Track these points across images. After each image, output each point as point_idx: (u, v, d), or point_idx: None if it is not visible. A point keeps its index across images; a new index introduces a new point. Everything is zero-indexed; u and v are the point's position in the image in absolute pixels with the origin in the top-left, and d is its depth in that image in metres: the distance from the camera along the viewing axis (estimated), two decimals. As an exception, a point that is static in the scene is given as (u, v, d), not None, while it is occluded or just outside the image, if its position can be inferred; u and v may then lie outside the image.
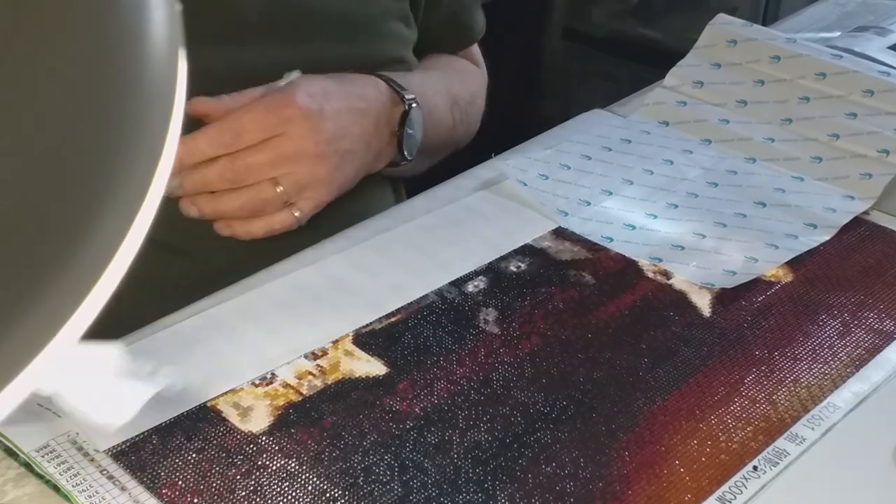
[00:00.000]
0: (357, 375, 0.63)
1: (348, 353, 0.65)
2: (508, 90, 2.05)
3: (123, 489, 0.55)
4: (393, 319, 0.68)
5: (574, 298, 0.70)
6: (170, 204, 0.75)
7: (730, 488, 0.56)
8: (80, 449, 0.57)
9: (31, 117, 0.21)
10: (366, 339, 0.66)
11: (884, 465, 0.58)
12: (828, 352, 0.66)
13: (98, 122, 0.22)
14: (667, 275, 0.73)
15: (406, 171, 0.86)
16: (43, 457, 0.56)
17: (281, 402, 0.61)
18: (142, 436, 0.58)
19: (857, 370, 0.64)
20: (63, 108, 0.22)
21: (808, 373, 0.64)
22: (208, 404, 0.60)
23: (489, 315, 0.68)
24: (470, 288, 0.71)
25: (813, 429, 0.60)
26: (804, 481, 0.57)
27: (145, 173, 0.23)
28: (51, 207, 0.21)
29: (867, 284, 0.72)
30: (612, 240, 0.76)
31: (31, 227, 0.21)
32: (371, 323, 0.67)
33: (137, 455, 0.57)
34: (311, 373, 0.63)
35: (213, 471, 0.56)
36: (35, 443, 0.57)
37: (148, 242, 0.24)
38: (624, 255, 0.75)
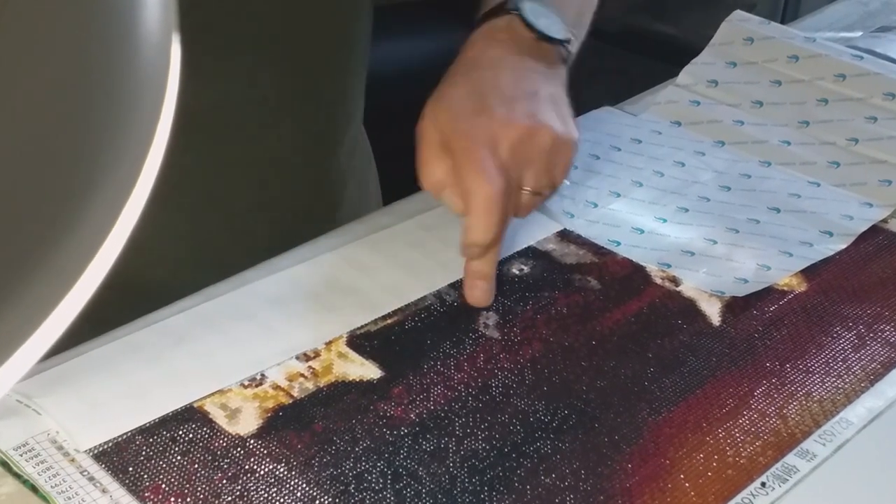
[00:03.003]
0: (350, 379, 0.63)
1: (342, 356, 0.65)
2: (515, 85, 2.04)
3: (104, 491, 0.55)
4: (389, 321, 0.68)
5: (578, 304, 0.70)
6: None
7: (736, 505, 0.56)
8: (59, 448, 0.57)
9: (13, 102, 0.21)
10: (360, 341, 0.66)
11: (897, 484, 0.58)
12: (841, 365, 0.66)
13: (85, 108, 0.22)
14: (675, 281, 0.73)
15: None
16: (21, 455, 0.56)
17: (270, 404, 0.61)
18: (125, 436, 0.58)
19: (872, 385, 0.64)
20: (48, 93, 0.22)
21: (821, 386, 0.64)
22: (195, 405, 0.60)
23: (489, 319, 0.68)
24: (470, 290, 0.71)
25: (824, 445, 0.60)
26: (814, 499, 0.57)
27: (134, 163, 0.23)
28: (33, 197, 0.21)
29: (884, 296, 0.72)
30: (619, 244, 0.76)
31: (13, 217, 0.21)
32: (366, 324, 0.67)
33: (120, 456, 0.57)
34: (302, 375, 0.63)
35: (199, 474, 0.56)
36: (13, 441, 0.57)
37: None
38: (631, 260, 0.75)
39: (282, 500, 0.55)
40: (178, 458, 0.57)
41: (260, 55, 0.77)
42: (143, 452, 0.57)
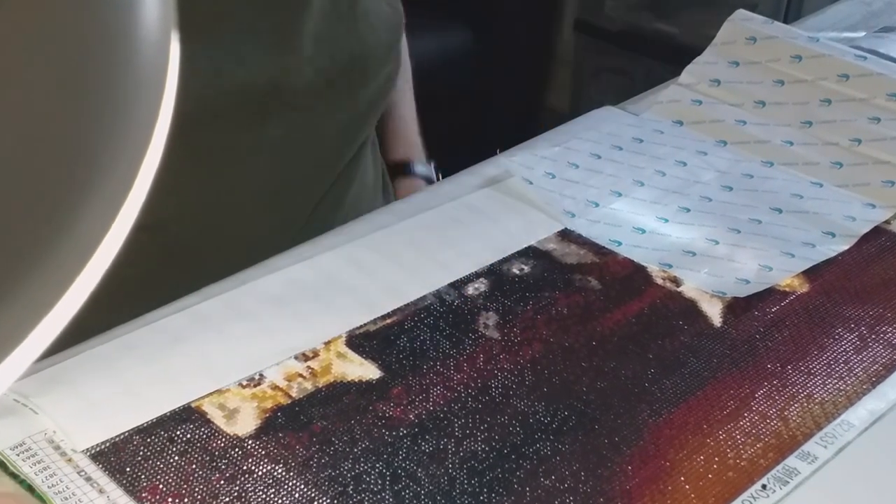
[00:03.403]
0: (349, 379, 0.63)
1: (341, 356, 0.65)
2: (516, 84, 2.05)
3: (101, 491, 0.55)
4: (388, 321, 0.68)
5: (579, 304, 0.70)
6: None
7: (737, 507, 0.56)
8: (57, 448, 0.57)
9: (10, 100, 0.21)
10: (359, 341, 0.66)
11: (899, 487, 0.58)
12: (843, 367, 0.66)
13: (83, 106, 0.22)
14: (676, 282, 0.73)
15: None
16: (18, 455, 0.56)
17: (269, 404, 0.61)
18: (122, 436, 0.58)
19: (874, 387, 0.64)
20: (46, 91, 0.22)
21: (822, 388, 0.64)
22: (193, 405, 0.60)
23: (489, 319, 0.68)
24: (470, 290, 0.71)
25: (826, 447, 0.60)
26: (815, 502, 0.57)
27: (133, 161, 0.23)
28: (32, 195, 0.22)
29: (886, 297, 0.72)
30: (620, 244, 0.76)
31: (10, 216, 0.21)
32: (365, 324, 0.67)
33: (117, 456, 0.57)
34: (301, 375, 0.63)
35: (196, 475, 0.56)
36: (10, 440, 0.57)
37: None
38: (632, 260, 0.75)
39: (280, 501, 0.55)
40: (176, 458, 0.57)
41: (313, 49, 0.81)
42: (141, 452, 0.57)
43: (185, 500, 0.54)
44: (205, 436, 0.58)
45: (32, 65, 0.22)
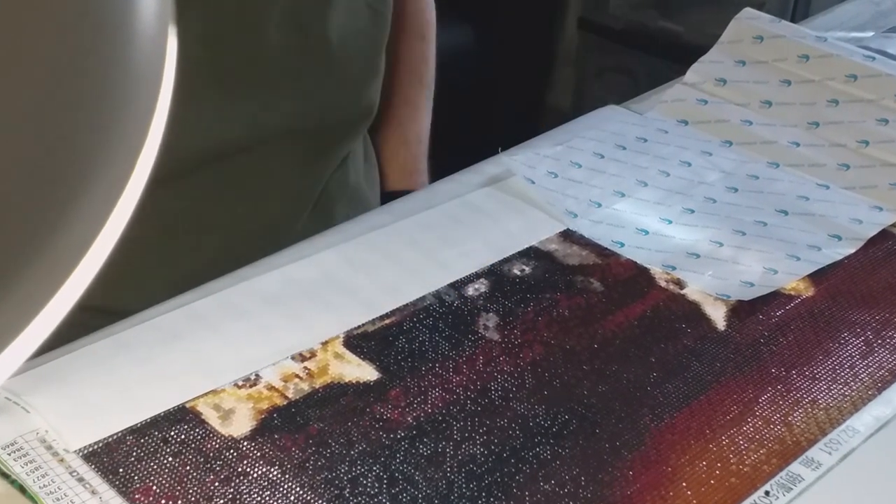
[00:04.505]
0: (347, 380, 0.63)
1: (338, 356, 0.65)
2: (519, 83, 2.05)
3: (94, 493, 0.55)
4: (387, 322, 0.68)
5: (580, 306, 0.70)
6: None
7: (739, 514, 0.56)
8: (49, 448, 0.57)
9: (5, 95, 0.21)
10: (357, 342, 0.66)
11: (904, 494, 0.58)
12: (848, 372, 0.66)
13: (80, 101, 0.22)
14: (680, 284, 0.73)
15: None
16: (9, 455, 0.56)
17: (265, 405, 0.61)
18: (115, 436, 0.58)
19: (880, 392, 0.64)
20: (42, 86, 0.22)
21: (827, 394, 0.64)
22: (187, 405, 0.60)
23: (489, 321, 0.68)
24: (470, 291, 0.71)
25: (830, 453, 0.60)
26: (819, 509, 0.57)
27: (129, 157, 0.23)
28: (26, 191, 0.21)
29: (893, 302, 0.72)
30: (623, 245, 0.76)
31: (4, 212, 0.21)
32: (363, 324, 0.67)
33: (110, 456, 0.57)
34: (297, 375, 0.63)
35: (191, 476, 0.56)
36: (1, 439, 0.57)
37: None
38: (635, 262, 0.75)
39: (275, 503, 0.55)
40: (170, 459, 0.57)
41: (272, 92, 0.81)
42: (134, 453, 0.57)
43: (179, 501, 0.54)
44: (199, 437, 0.58)
45: (27, 59, 0.22)
